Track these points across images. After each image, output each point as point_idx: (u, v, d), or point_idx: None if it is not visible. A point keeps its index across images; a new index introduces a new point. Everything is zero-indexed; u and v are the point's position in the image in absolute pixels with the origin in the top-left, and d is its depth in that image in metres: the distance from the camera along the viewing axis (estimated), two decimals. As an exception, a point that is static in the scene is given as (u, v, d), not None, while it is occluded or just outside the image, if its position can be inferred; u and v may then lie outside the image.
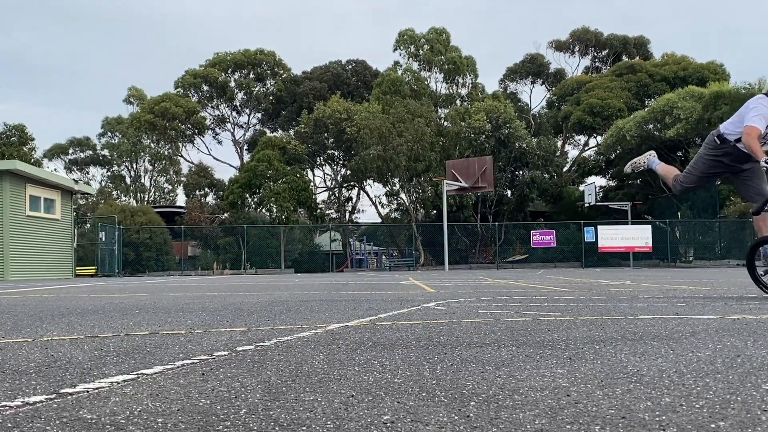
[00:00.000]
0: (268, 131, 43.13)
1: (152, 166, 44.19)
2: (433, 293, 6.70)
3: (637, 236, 27.79)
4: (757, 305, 4.37)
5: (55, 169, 43.61)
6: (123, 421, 1.38)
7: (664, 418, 1.35)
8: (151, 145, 42.52)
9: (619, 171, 35.69)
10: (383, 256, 35.45)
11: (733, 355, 2.17)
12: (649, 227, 28.28)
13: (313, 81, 41.43)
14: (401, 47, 38.27)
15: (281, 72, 42.69)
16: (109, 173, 45.04)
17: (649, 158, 5.72)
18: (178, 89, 41.28)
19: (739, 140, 4.89)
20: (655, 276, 12.44)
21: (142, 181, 44.69)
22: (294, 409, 1.47)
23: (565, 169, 38.58)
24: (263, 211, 35.09)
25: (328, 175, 40.60)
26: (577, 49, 43.59)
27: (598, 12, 77.07)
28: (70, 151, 45.23)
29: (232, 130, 44.10)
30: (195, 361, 2.21)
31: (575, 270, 22.13)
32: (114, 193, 43.86)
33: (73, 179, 34.89)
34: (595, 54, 43.92)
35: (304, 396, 1.62)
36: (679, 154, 32.34)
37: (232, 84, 42.35)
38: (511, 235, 32.50)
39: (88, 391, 1.71)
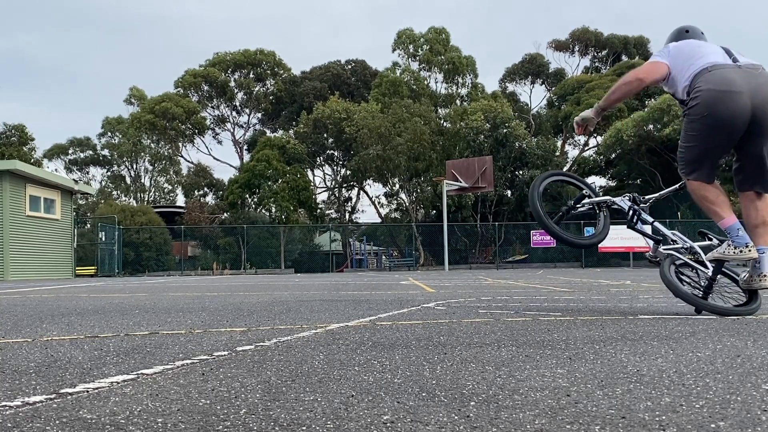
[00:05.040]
0: (268, 131, 43.16)
1: (152, 166, 44.20)
2: (433, 293, 6.70)
3: (637, 236, 27.68)
4: (757, 305, 4.37)
5: (56, 169, 43.65)
6: (123, 421, 1.38)
7: (664, 418, 1.35)
8: (151, 145, 42.52)
9: (619, 171, 35.76)
10: (383, 256, 35.45)
11: (733, 355, 2.17)
12: (649, 227, 28.26)
13: (312, 81, 41.45)
14: (400, 48, 38.26)
15: (281, 72, 42.72)
16: (109, 173, 45.06)
17: None
18: (178, 89, 41.29)
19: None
20: (655, 276, 12.43)
21: (142, 181, 44.71)
22: (294, 409, 1.47)
23: (565, 169, 38.57)
24: (263, 211, 35.10)
25: (328, 175, 40.65)
26: (577, 49, 43.61)
27: (598, 12, 77.09)
28: (70, 151, 45.24)
29: (232, 130, 44.14)
30: (195, 361, 2.21)
31: (575, 270, 22.13)
32: (114, 193, 43.86)
33: (73, 179, 34.92)
34: (595, 54, 43.93)
35: (304, 396, 1.62)
36: (679, 153, 32.27)
37: (232, 84, 42.37)
38: (511, 235, 32.50)
39: (88, 391, 1.71)
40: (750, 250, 3.36)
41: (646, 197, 4.29)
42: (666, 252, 3.96)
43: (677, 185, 4.15)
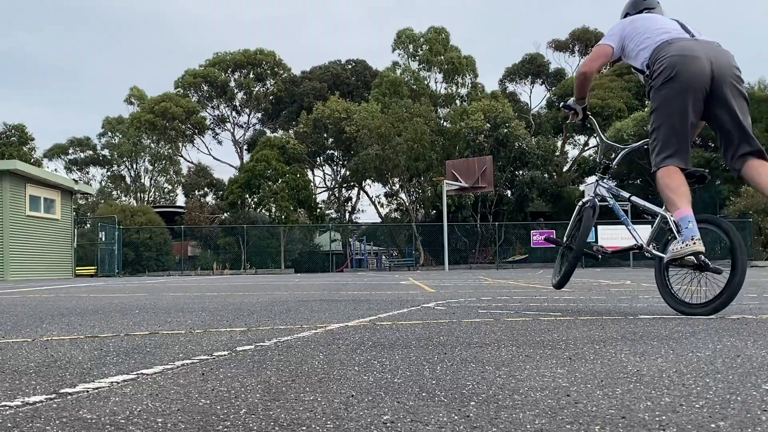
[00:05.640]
0: (268, 131, 43.17)
1: (152, 166, 44.21)
2: (433, 293, 6.70)
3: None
4: (757, 305, 4.37)
5: (55, 169, 43.65)
6: (123, 421, 1.38)
7: (664, 418, 1.35)
8: (151, 145, 42.53)
9: (620, 171, 35.75)
10: (383, 256, 35.44)
11: (733, 355, 2.17)
12: (649, 227, 28.27)
13: (312, 81, 41.44)
14: (400, 47, 38.26)
15: (281, 72, 42.72)
16: (109, 173, 45.07)
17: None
18: (178, 89, 41.30)
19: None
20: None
21: (142, 181, 44.72)
22: (294, 409, 1.47)
23: (565, 169, 38.59)
24: (263, 211, 35.10)
25: (328, 175, 40.67)
26: (576, 48, 43.57)
27: (598, 12, 77.11)
28: (70, 151, 45.26)
29: (232, 130, 44.15)
30: (195, 361, 2.21)
31: (575, 270, 22.10)
32: (114, 193, 43.87)
33: (73, 179, 34.91)
34: (595, 54, 43.83)
35: (304, 396, 1.62)
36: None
37: (232, 84, 42.38)
38: (511, 235, 32.50)
39: (87, 391, 1.71)
40: (695, 243, 3.27)
41: (612, 164, 4.26)
42: (653, 252, 3.82)
43: (642, 141, 4.04)
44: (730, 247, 3.37)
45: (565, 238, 4.32)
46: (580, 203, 4.22)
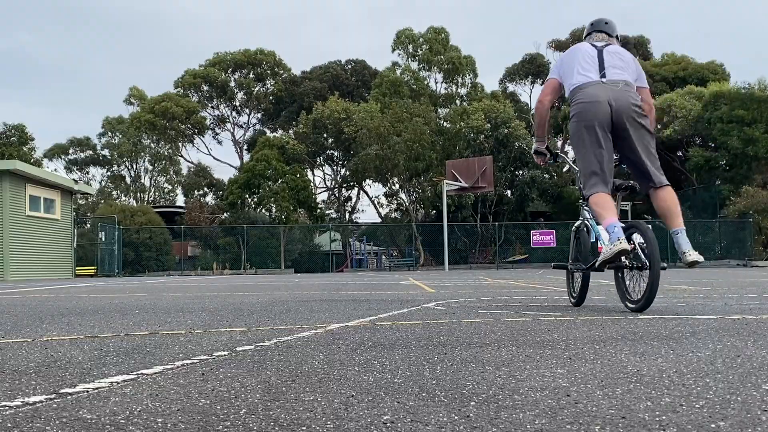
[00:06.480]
0: (267, 131, 43.15)
1: (152, 166, 44.19)
2: (433, 293, 6.70)
3: (637, 236, 27.68)
4: (757, 305, 4.37)
5: (55, 169, 43.62)
6: (123, 421, 1.38)
7: (664, 418, 1.35)
8: (151, 145, 42.52)
9: (619, 171, 35.74)
10: (383, 256, 35.42)
11: (733, 355, 2.17)
12: (649, 227, 28.22)
13: (312, 81, 41.43)
14: (399, 47, 38.23)
15: (281, 72, 42.71)
16: (109, 173, 45.04)
17: None
18: (178, 89, 41.28)
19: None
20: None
21: (142, 181, 44.70)
22: (294, 409, 1.47)
23: (565, 169, 38.54)
24: (263, 211, 35.09)
25: (327, 175, 40.67)
26: (577, 49, 43.51)
27: (598, 12, 76.98)
28: (70, 151, 45.20)
29: (232, 130, 44.14)
30: (195, 361, 2.21)
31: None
32: (114, 193, 43.85)
33: (73, 179, 34.92)
34: (595, 54, 43.76)
35: (304, 396, 1.62)
36: (679, 154, 32.33)
37: (232, 84, 42.36)
38: (511, 235, 32.49)
39: (87, 391, 1.71)
40: (621, 243, 3.69)
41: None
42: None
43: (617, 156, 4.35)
44: (644, 247, 3.74)
45: (570, 260, 4.61)
46: (575, 228, 4.61)
